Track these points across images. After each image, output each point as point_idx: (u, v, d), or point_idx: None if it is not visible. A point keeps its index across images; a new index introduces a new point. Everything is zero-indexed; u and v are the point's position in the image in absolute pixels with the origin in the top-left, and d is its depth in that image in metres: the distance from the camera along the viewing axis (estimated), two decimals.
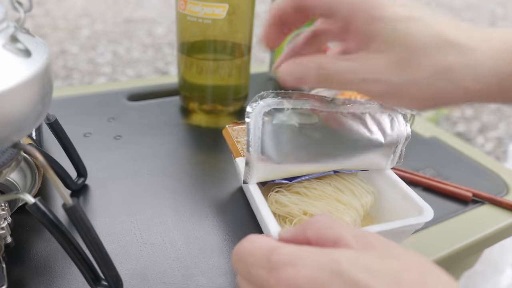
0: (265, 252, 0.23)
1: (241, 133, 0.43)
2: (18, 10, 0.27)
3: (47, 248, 0.37)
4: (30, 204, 0.28)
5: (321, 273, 0.21)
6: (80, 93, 0.64)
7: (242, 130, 0.43)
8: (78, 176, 0.45)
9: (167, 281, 0.35)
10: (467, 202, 0.47)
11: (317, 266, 0.21)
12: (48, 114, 0.39)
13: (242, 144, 0.42)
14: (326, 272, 0.21)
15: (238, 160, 0.40)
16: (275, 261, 0.22)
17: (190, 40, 0.57)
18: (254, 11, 0.57)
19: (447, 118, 1.94)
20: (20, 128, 0.27)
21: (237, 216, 0.42)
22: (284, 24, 0.32)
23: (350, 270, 0.20)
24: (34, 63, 0.26)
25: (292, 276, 0.21)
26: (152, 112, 0.61)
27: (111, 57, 1.21)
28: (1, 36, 0.26)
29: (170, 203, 0.43)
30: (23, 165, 0.38)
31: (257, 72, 0.75)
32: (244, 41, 0.57)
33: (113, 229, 0.40)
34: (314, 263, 0.21)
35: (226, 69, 0.58)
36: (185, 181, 0.47)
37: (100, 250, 0.30)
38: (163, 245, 0.38)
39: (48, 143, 0.50)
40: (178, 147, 0.53)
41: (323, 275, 0.21)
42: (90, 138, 0.53)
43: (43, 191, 0.43)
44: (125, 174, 0.47)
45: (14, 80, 0.24)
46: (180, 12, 0.55)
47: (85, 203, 0.43)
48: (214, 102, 0.60)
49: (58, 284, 0.34)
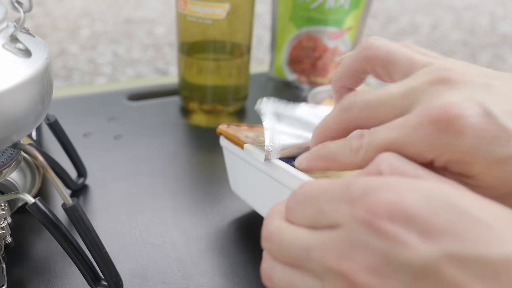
0: (342, 184, 0.18)
1: (237, 131, 0.42)
2: (18, 10, 0.27)
3: (47, 248, 0.37)
4: (30, 204, 0.28)
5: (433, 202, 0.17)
6: (80, 93, 0.64)
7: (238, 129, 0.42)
8: (78, 176, 0.45)
9: (167, 281, 0.35)
10: None
11: (424, 193, 0.17)
12: (48, 114, 0.39)
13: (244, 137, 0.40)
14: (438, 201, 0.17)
15: (247, 146, 0.38)
16: (360, 188, 0.18)
17: (190, 40, 0.57)
18: (254, 11, 0.57)
19: None
20: (20, 128, 0.27)
21: (237, 216, 0.42)
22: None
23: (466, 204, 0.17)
24: (34, 63, 0.26)
25: (393, 201, 0.17)
26: (152, 112, 0.61)
27: (111, 57, 1.21)
28: (1, 36, 0.26)
29: (170, 203, 0.43)
30: (23, 165, 0.38)
31: (257, 72, 0.75)
32: (244, 41, 0.57)
33: (113, 229, 0.40)
34: (419, 189, 0.17)
35: (226, 69, 0.58)
36: (185, 181, 0.47)
37: (100, 250, 0.30)
38: (163, 245, 0.38)
39: (48, 143, 0.50)
40: (178, 147, 0.53)
41: (436, 204, 0.16)
42: (90, 138, 0.53)
43: (43, 191, 0.43)
44: (125, 174, 0.47)
45: (14, 80, 0.24)
46: (180, 12, 0.55)
47: (85, 203, 0.43)
48: (214, 102, 0.60)
49: (58, 284, 0.34)
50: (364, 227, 0.17)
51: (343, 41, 0.67)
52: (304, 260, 0.19)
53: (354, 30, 0.67)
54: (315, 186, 0.20)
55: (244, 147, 0.37)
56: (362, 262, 0.17)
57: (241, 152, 0.37)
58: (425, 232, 0.16)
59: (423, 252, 0.16)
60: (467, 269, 0.16)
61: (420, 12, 1.81)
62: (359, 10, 0.66)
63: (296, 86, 0.71)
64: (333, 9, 0.63)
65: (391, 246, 0.16)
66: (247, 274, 0.36)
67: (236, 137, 0.39)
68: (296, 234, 0.19)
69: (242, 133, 0.41)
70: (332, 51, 0.67)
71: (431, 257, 0.16)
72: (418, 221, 0.16)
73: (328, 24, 0.65)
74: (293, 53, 0.69)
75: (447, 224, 0.16)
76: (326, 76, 0.69)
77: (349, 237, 0.17)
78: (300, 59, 0.69)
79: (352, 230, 0.17)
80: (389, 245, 0.16)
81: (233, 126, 0.42)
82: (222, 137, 0.40)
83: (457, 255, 0.16)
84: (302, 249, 0.19)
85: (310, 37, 0.67)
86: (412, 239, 0.16)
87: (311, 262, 0.18)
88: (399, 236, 0.16)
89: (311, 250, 0.18)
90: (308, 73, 0.70)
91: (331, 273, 0.18)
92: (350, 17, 0.65)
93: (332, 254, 0.18)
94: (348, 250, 0.17)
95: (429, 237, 0.16)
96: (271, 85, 0.72)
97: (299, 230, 0.19)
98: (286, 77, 0.72)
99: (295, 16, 0.66)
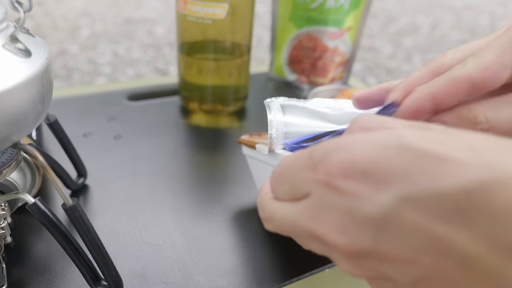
0: (307, 152, 0.19)
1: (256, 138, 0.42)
2: (18, 10, 0.27)
3: (47, 248, 0.37)
4: (30, 204, 0.28)
5: (384, 151, 0.16)
6: (80, 93, 0.64)
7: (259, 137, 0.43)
8: (78, 176, 0.45)
9: (167, 281, 0.35)
10: None
11: (376, 144, 0.17)
12: (48, 114, 0.39)
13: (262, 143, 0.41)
14: (390, 148, 0.16)
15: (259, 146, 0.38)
16: (320, 153, 0.18)
17: (190, 40, 0.57)
18: (254, 11, 0.57)
19: None
20: (20, 128, 0.27)
21: (237, 216, 0.42)
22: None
23: (418, 143, 0.16)
24: (34, 63, 0.26)
25: (344, 159, 0.17)
26: (152, 112, 0.61)
27: (111, 57, 1.21)
28: (1, 36, 0.26)
29: (170, 203, 0.43)
30: (23, 165, 0.38)
31: (257, 72, 0.75)
32: (244, 41, 0.57)
33: (113, 229, 0.40)
34: (372, 141, 0.17)
35: (226, 69, 0.58)
36: (185, 181, 0.47)
37: (100, 250, 0.30)
38: (163, 245, 0.38)
39: (48, 143, 0.50)
40: (178, 147, 0.53)
41: (387, 152, 0.16)
42: (90, 138, 0.53)
43: (43, 191, 0.43)
44: (125, 174, 0.47)
45: (14, 80, 0.24)
46: (180, 12, 0.55)
47: (85, 203, 0.43)
48: (214, 102, 0.60)
49: (58, 284, 0.34)
50: (325, 189, 0.17)
51: (343, 41, 0.67)
52: (295, 233, 0.20)
53: (354, 30, 0.67)
54: (287, 160, 0.20)
55: (256, 147, 0.38)
56: (331, 223, 0.17)
57: (260, 155, 0.38)
58: (378, 181, 0.16)
59: (380, 202, 0.16)
60: (425, 210, 0.15)
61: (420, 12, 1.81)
62: (359, 10, 0.66)
63: (296, 86, 0.71)
64: (333, 9, 0.63)
65: (351, 202, 0.17)
66: (247, 274, 0.36)
67: (253, 142, 0.39)
68: (282, 211, 0.20)
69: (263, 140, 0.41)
70: (332, 51, 0.67)
71: (387, 205, 0.16)
72: (371, 172, 0.16)
73: (328, 24, 0.65)
74: (293, 53, 0.70)
75: (398, 168, 0.16)
76: (326, 76, 0.69)
77: (317, 202, 0.18)
78: (300, 59, 0.69)
79: (318, 195, 0.18)
80: (349, 202, 0.17)
81: (255, 135, 0.43)
82: (243, 146, 0.41)
83: (411, 197, 0.15)
84: (290, 224, 0.20)
85: (310, 37, 0.67)
86: (368, 191, 0.16)
87: (300, 234, 0.19)
88: (355, 191, 0.16)
89: (296, 223, 0.19)
90: (308, 73, 0.70)
91: (313, 240, 0.19)
92: (350, 17, 0.65)
93: (309, 222, 0.18)
94: (319, 215, 0.18)
95: (383, 186, 0.16)
96: (271, 85, 0.72)
97: (284, 206, 0.20)
98: (286, 77, 0.72)
99: (295, 16, 0.66)
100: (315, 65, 0.69)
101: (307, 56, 0.68)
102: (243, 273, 0.36)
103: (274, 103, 0.35)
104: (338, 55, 0.68)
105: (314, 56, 0.68)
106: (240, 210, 0.43)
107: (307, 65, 0.69)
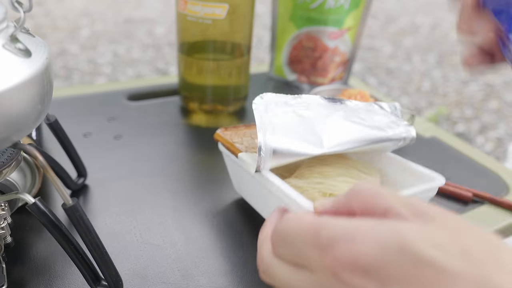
0: (314, 228, 0.20)
1: (234, 135, 0.42)
2: (18, 10, 0.27)
3: (47, 248, 0.37)
4: (30, 204, 0.28)
5: (386, 251, 0.18)
6: (80, 93, 0.64)
7: (235, 133, 0.43)
8: (78, 176, 0.45)
9: (167, 281, 0.35)
10: (467, 202, 0.47)
11: (380, 242, 0.18)
12: (48, 114, 0.39)
13: (239, 143, 0.41)
14: (391, 249, 0.18)
15: (241, 155, 0.39)
16: (327, 238, 0.20)
17: (190, 40, 0.57)
18: (254, 11, 0.57)
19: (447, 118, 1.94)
20: (20, 128, 0.27)
21: (237, 216, 0.42)
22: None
23: (418, 247, 0.18)
24: (34, 63, 0.26)
25: (351, 254, 0.19)
26: (152, 112, 0.61)
27: (111, 57, 1.20)
28: (1, 36, 0.26)
29: (170, 203, 0.43)
30: (23, 165, 0.38)
31: (257, 72, 0.75)
32: (244, 41, 0.57)
33: (113, 229, 0.40)
34: (376, 238, 0.19)
35: (226, 69, 0.58)
36: (185, 181, 0.47)
37: (100, 250, 0.30)
38: (163, 245, 0.38)
39: (48, 143, 0.50)
40: (178, 147, 0.53)
41: (388, 253, 0.18)
42: (90, 138, 0.53)
43: (43, 191, 0.43)
44: (125, 174, 0.47)
45: (14, 80, 0.24)
46: (180, 12, 0.55)
47: (85, 203, 0.43)
48: (214, 102, 0.60)
49: (58, 284, 0.34)
50: (331, 276, 0.19)
51: (343, 41, 0.67)
52: None
53: (354, 30, 0.67)
54: (292, 226, 0.22)
55: (238, 156, 0.38)
56: None
57: (237, 160, 0.38)
58: (380, 281, 0.18)
59: None
60: None
61: (420, 12, 1.81)
62: (359, 10, 0.66)
63: (296, 86, 0.71)
64: (333, 9, 0.63)
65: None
66: (247, 274, 0.36)
67: (231, 145, 0.40)
68: (284, 273, 0.22)
69: (239, 137, 0.41)
70: (332, 51, 0.67)
71: None
72: (373, 270, 0.18)
73: (328, 24, 0.65)
74: (293, 53, 0.69)
75: (397, 272, 0.18)
76: (326, 76, 0.69)
77: (321, 283, 0.20)
78: (300, 59, 0.69)
79: (323, 277, 0.20)
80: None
81: (231, 129, 0.43)
82: (219, 143, 0.41)
83: None
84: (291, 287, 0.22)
85: (310, 37, 0.67)
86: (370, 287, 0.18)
87: None
88: (358, 285, 0.19)
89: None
90: (308, 73, 0.70)
91: None
92: (350, 17, 0.65)
93: None
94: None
95: (383, 286, 0.18)
96: (271, 85, 0.72)
97: (285, 268, 0.22)
98: (286, 77, 0.72)
99: (295, 16, 0.66)
100: (315, 65, 0.69)
101: (307, 56, 0.68)
102: (243, 273, 0.36)
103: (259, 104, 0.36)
104: (338, 55, 0.68)
105: (314, 56, 0.68)
106: (240, 210, 0.43)
107: (307, 65, 0.69)
